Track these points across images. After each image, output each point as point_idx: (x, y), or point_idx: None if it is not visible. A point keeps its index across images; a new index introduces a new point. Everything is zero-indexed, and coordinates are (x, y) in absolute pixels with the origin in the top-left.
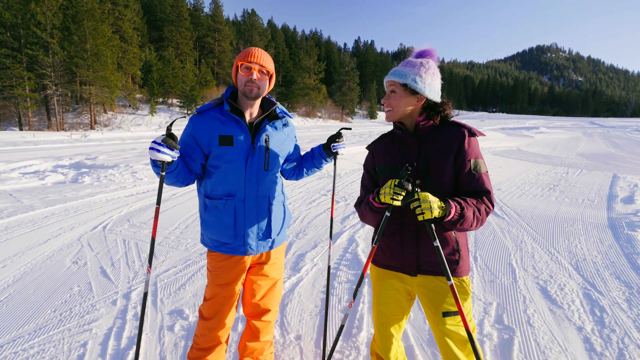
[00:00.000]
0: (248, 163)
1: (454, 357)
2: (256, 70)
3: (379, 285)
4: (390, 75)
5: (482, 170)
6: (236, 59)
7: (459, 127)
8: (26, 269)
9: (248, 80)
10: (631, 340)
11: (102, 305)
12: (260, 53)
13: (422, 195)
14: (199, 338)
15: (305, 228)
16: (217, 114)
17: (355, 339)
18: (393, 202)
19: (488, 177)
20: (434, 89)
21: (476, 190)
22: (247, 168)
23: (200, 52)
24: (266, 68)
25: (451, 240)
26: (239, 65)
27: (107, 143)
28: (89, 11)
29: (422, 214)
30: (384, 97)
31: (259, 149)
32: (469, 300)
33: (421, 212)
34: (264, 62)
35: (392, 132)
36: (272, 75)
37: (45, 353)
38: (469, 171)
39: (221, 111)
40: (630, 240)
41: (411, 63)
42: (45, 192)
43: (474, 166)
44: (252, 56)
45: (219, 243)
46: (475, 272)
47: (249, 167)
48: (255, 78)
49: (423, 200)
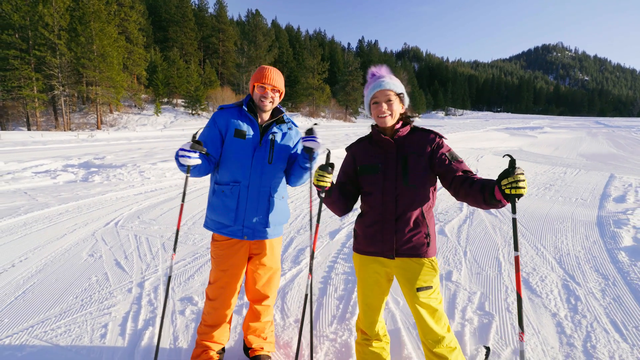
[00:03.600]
0: (255, 155)
1: (425, 323)
2: (269, 90)
3: (362, 270)
4: (385, 85)
5: (458, 158)
6: (252, 78)
7: (429, 132)
8: (47, 261)
9: (262, 96)
10: (599, 324)
11: (119, 292)
12: (273, 74)
13: (524, 174)
14: (206, 316)
15: (306, 225)
16: (236, 112)
17: (348, 322)
18: (319, 182)
19: (464, 162)
20: (407, 101)
21: (465, 170)
22: (253, 159)
23: (204, 52)
24: (277, 88)
25: (424, 227)
26: (255, 85)
27: (113, 143)
28: (95, 12)
29: (523, 188)
30: (382, 105)
31: (265, 144)
32: (437, 276)
33: (523, 187)
34: (275, 82)
35: (369, 136)
36: (282, 93)
37: (71, 332)
38: (449, 162)
39: (240, 111)
40: (615, 237)
41: (393, 77)
42: (58, 191)
43: (451, 157)
44: (266, 77)
45: (220, 225)
46: (463, 265)
47: (255, 159)
48: (268, 97)
49: (524, 178)
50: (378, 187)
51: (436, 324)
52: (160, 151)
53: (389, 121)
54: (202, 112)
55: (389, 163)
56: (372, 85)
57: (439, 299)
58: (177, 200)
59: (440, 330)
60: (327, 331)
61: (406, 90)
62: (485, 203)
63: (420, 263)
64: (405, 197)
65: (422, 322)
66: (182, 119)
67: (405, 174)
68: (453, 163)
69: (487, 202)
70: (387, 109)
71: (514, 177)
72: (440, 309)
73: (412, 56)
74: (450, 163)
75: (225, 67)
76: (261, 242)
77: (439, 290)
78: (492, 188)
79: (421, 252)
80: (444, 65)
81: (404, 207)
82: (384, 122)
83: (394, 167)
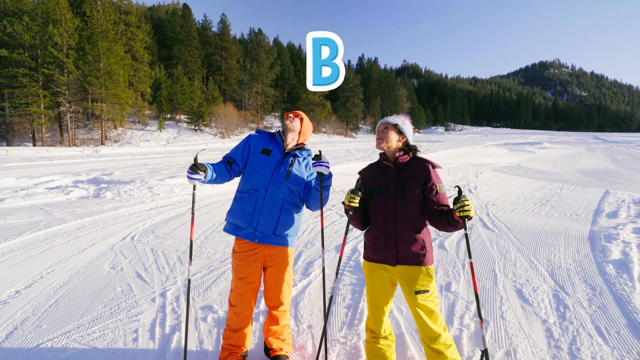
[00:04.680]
0: (275, 170)
1: (424, 322)
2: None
3: (370, 275)
4: (385, 119)
5: (442, 191)
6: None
7: (425, 162)
8: (72, 273)
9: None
10: (584, 329)
11: (144, 302)
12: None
13: (468, 200)
14: (229, 321)
15: (313, 239)
16: (268, 137)
17: (356, 328)
18: (350, 203)
19: (445, 195)
20: (410, 135)
21: (442, 204)
22: (273, 173)
23: (207, 69)
24: (298, 115)
25: (420, 240)
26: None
27: (118, 158)
28: (103, 32)
29: (469, 211)
30: (378, 132)
31: (285, 163)
32: (433, 282)
33: (468, 210)
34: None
35: (378, 162)
36: (302, 118)
37: (106, 337)
38: (435, 192)
39: (271, 137)
40: (604, 251)
41: (397, 116)
42: (72, 206)
43: (438, 189)
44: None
45: (237, 227)
46: (462, 277)
47: (274, 173)
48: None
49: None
50: (381, 206)
51: (433, 323)
52: (165, 167)
53: (381, 144)
54: (205, 127)
55: (390, 185)
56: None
57: (436, 302)
58: (187, 216)
59: (437, 328)
60: (337, 335)
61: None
62: (449, 225)
63: (418, 270)
64: (402, 215)
65: (421, 321)
66: (185, 134)
67: (403, 196)
68: (439, 195)
69: (450, 224)
70: (381, 135)
71: (461, 203)
72: (436, 310)
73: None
74: (437, 194)
75: (228, 84)
76: (273, 252)
77: (435, 294)
78: (451, 212)
79: (418, 261)
80: (443, 82)
81: (402, 224)
82: (378, 144)
83: (394, 190)
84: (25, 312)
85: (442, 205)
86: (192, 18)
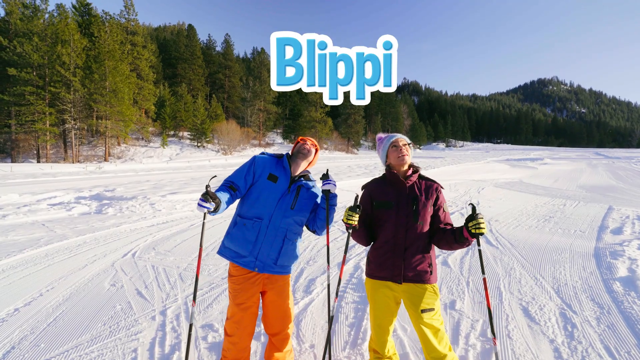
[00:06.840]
0: (281, 198)
1: (429, 341)
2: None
3: (373, 294)
4: (400, 135)
5: (447, 210)
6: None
7: (433, 182)
8: (72, 290)
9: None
10: (593, 350)
11: (144, 320)
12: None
13: (483, 217)
14: (226, 352)
15: (315, 256)
16: (275, 160)
17: (359, 347)
18: (349, 221)
19: (449, 214)
20: None
21: (448, 222)
22: (279, 202)
23: (211, 87)
24: (315, 145)
25: (427, 257)
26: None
27: (121, 175)
28: (110, 52)
29: (484, 228)
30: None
31: (292, 191)
32: (438, 300)
33: (484, 227)
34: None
35: (383, 177)
36: (317, 149)
37: (104, 357)
38: (442, 211)
39: (278, 161)
40: (610, 268)
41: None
42: (74, 223)
43: (444, 207)
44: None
45: (236, 254)
46: (466, 295)
47: (280, 202)
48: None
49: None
50: (391, 221)
51: (439, 343)
52: (167, 183)
53: (407, 160)
54: (207, 144)
55: (401, 201)
56: (388, 137)
57: (441, 321)
58: (189, 232)
59: (443, 349)
60: (340, 356)
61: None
62: (456, 242)
63: (424, 288)
64: (413, 231)
65: (426, 341)
66: (188, 151)
67: (416, 213)
68: (445, 213)
69: (457, 241)
70: (406, 150)
71: (476, 220)
72: (442, 329)
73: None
74: (444, 212)
75: (230, 101)
76: (272, 278)
77: (440, 313)
78: (461, 230)
79: (424, 278)
80: (443, 98)
81: (411, 240)
82: (404, 160)
83: (405, 206)
84: (23, 330)
85: (447, 223)
86: (196, 38)
